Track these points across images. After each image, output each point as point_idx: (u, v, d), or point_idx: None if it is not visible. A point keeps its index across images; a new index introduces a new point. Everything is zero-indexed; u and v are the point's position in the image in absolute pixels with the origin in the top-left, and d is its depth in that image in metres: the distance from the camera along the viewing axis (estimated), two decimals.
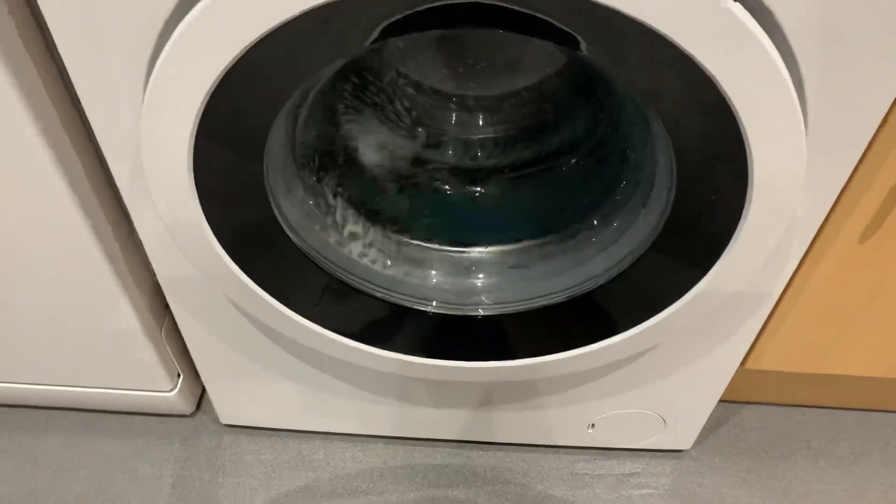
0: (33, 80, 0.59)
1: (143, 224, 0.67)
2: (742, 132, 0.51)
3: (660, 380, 0.83)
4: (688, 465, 0.94)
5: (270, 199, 0.61)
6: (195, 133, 0.54)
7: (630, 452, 0.95)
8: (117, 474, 0.92)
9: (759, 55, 0.46)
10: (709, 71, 0.48)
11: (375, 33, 0.46)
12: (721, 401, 1.00)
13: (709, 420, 0.98)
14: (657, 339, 0.70)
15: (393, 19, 0.45)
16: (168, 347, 0.86)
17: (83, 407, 0.97)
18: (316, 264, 0.67)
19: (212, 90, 0.51)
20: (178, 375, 0.91)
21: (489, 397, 0.86)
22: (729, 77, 0.48)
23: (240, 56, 0.49)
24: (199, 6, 0.47)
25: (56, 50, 0.60)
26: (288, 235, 0.64)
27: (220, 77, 0.50)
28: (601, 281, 0.67)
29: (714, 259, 0.61)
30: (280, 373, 0.85)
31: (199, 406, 0.98)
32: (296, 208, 0.66)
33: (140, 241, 0.72)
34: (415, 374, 0.76)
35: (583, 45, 0.45)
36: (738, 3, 0.44)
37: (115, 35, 0.52)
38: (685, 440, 0.93)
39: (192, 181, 0.58)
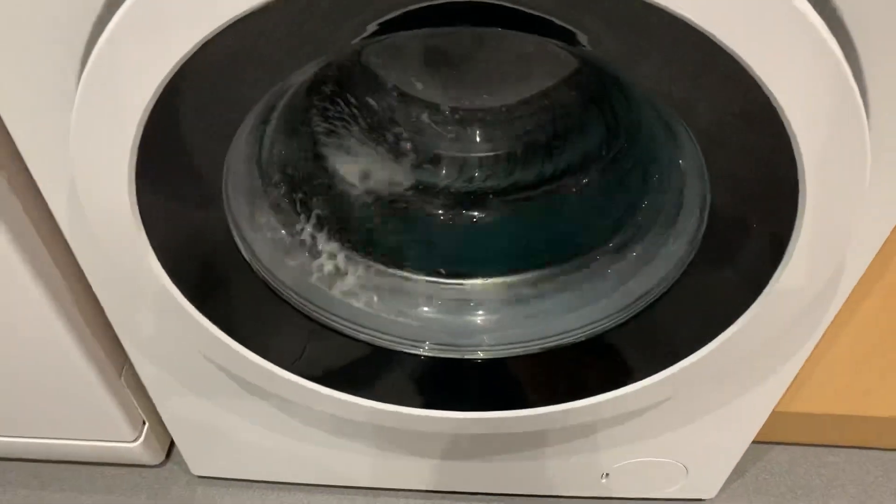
0: None
1: (88, 264, 0.58)
2: (795, 151, 0.42)
3: (683, 426, 0.73)
4: None
5: (234, 231, 0.52)
6: (136, 157, 0.45)
7: (648, 503, 0.86)
8: None
9: (824, 58, 0.38)
10: (756, 73, 0.39)
11: (352, 33, 0.37)
12: None
13: None
14: (682, 386, 0.61)
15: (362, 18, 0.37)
16: (130, 394, 0.77)
17: (42, 459, 0.88)
18: (290, 304, 0.58)
19: (153, 102, 0.42)
20: (143, 423, 0.82)
21: (489, 446, 0.77)
22: (783, 83, 0.39)
23: (188, 57, 0.40)
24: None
25: None
26: (255, 272, 0.55)
27: (164, 85, 0.41)
28: (618, 320, 0.59)
29: (752, 298, 0.52)
30: (254, 421, 0.76)
31: (168, 455, 0.89)
32: (265, 241, 0.57)
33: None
34: (405, 426, 0.67)
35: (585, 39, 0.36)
36: None
37: (38, 44, 0.43)
38: (709, 488, 0.84)
39: (137, 213, 0.49)
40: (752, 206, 0.47)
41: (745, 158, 0.44)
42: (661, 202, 0.56)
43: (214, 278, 0.55)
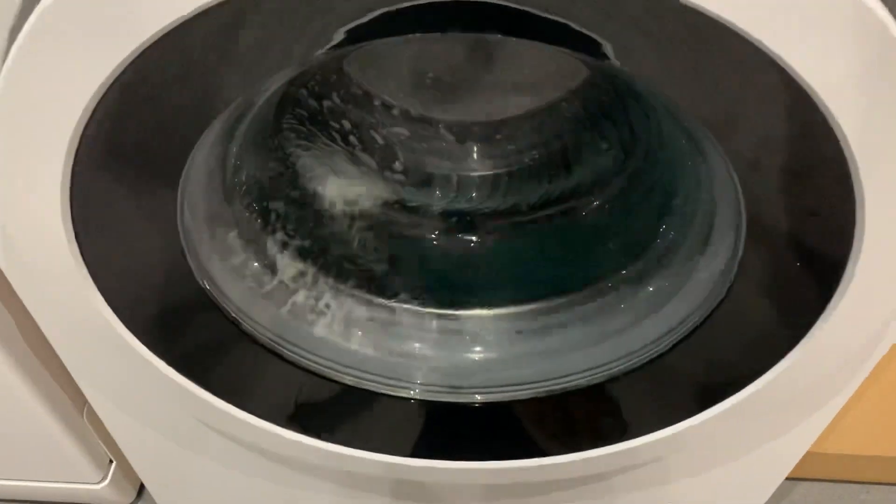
0: None
1: (31, 305, 0.51)
2: (854, 179, 0.35)
3: (706, 471, 0.66)
4: None
5: (191, 263, 0.46)
6: (69, 186, 0.38)
7: None
8: None
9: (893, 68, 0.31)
10: (811, 87, 0.32)
11: (325, 40, 0.30)
12: None
13: None
14: (704, 437, 0.54)
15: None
16: (94, 433, 0.70)
17: (7, 499, 0.81)
18: (259, 342, 0.51)
19: (83, 125, 0.35)
20: (111, 462, 0.75)
21: (489, 497, 0.70)
22: (843, 98, 0.32)
23: (128, 62, 0.33)
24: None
25: None
26: (219, 308, 0.49)
27: (95, 104, 0.35)
28: (635, 363, 0.52)
29: (788, 346, 0.45)
30: (224, 462, 0.69)
31: (140, 494, 0.82)
32: (228, 271, 0.50)
33: None
34: (393, 476, 0.60)
35: (610, 50, 0.29)
36: None
37: None
38: None
39: (77, 251, 0.42)
40: (798, 239, 0.40)
41: (792, 186, 0.37)
42: (685, 229, 0.49)
43: (172, 317, 0.49)
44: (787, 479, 0.83)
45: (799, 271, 0.42)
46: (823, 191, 0.37)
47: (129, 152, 0.38)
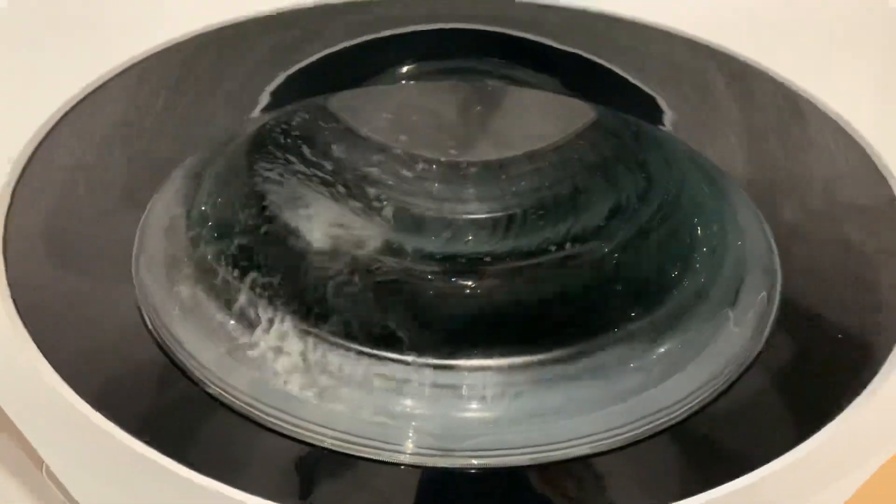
0: None
1: None
2: None
3: None
4: None
5: (146, 314, 0.42)
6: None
7: None
8: None
9: None
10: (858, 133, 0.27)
11: (263, 100, 0.26)
12: None
13: None
14: None
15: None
16: (56, 490, 0.65)
17: None
18: (223, 403, 0.47)
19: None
20: None
21: None
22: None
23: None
24: None
25: None
26: (179, 366, 0.45)
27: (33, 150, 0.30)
28: (649, 429, 0.47)
29: (830, 414, 0.41)
30: None
31: None
32: (189, 322, 0.47)
33: None
34: None
35: (668, 117, 0.25)
36: None
37: None
38: None
39: (13, 311, 0.37)
40: (838, 294, 0.36)
41: (833, 255, 0.32)
42: (707, 286, 0.45)
43: (128, 381, 0.44)
44: None
45: (835, 346, 0.37)
46: (867, 264, 0.32)
47: (75, 196, 0.34)
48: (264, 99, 0.27)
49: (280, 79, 0.29)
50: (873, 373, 0.37)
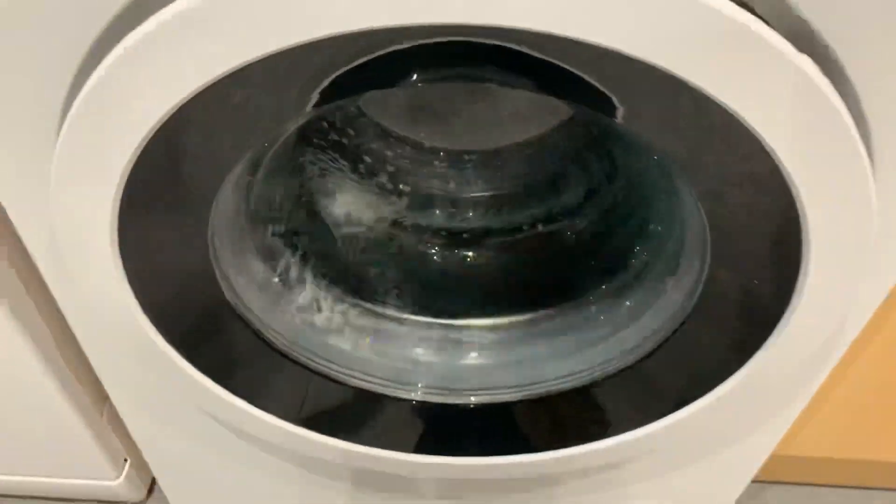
0: None
1: (68, 308, 0.56)
2: (797, 208, 0.41)
3: (676, 469, 0.72)
4: None
5: (219, 277, 0.51)
6: (118, 207, 0.43)
7: None
8: None
9: (830, 120, 0.37)
10: (762, 137, 0.38)
11: (315, 96, 0.36)
12: None
13: None
14: (675, 438, 0.59)
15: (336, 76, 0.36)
16: (111, 432, 0.75)
17: (23, 495, 0.85)
18: (276, 349, 0.56)
19: (133, 160, 0.41)
20: (125, 461, 0.80)
21: (482, 491, 0.75)
22: (787, 144, 0.38)
23: (165, 118, 0.38)
24: (105, 65, 0.36)
25: None
26: (241, 317, 0.54)
27: (145, 141, 0.40)
28: (611, 370, 0.57)
29: (748, 355, 0.51)
30: (238, 460, 0.74)
31: (150, 492, 0.87)
32: (251, 285, 0.55)
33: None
34: (394, 471, 0.65)
35: (620, 112, 0.35)
36: (805, 56, 0.35)
37: (18, 90, 0.41)
38: None
39: (120, 266, 0.47)
40: (754, 263, 0.46)
41: (748, 217, 0.43)
42: (658, 252, 0.55)
43: (200, 326, 0.54)
44: (756, 482, 0.89)
45: (756, 289, 0.47)
46: (775, 224, 0.43)
47: (168, 183, 0.44)
48: (314, 98, 0.37)
49: (326, 81, 0.38)
50: (781, 314, 0.47)
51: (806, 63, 0.35)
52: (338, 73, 0.37)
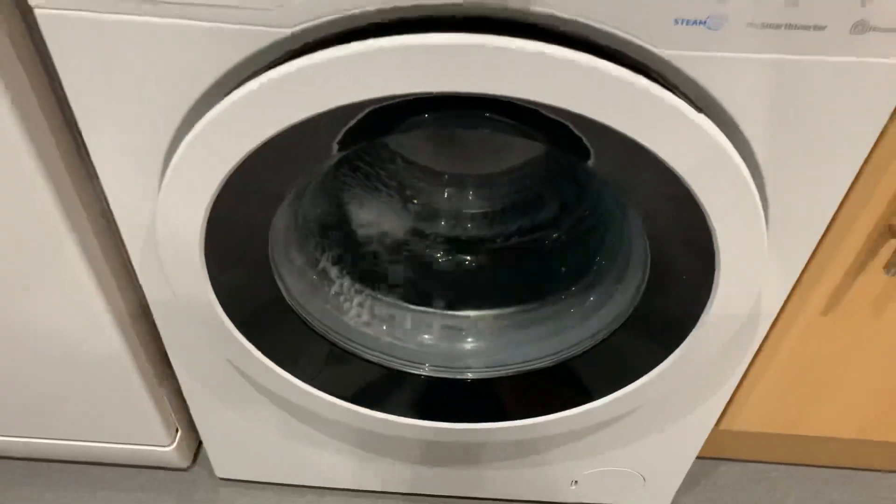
0: (57, 167, 0.63)
1: (153, 297, 0.71)
2: (708, 224, 0.56)
3: (639, 439, 0.86)
4: None
5: (276, 276, 0.65)
6: (206, 220, 0.58)
7: None
8: None
9: (723, 160, 0.52)
10: (678, 173, 0.53)
11: (334, 147, 0.51)
12: (699, 457, 1.04)
13: (687, 477, 1.01)
14: (632, 405, 0.74)
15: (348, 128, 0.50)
16: (168, 403, 0.89)
17: (83, 460, 0.99)
18: (317, 333, 0.71)
19: (221, 185, 0.56)
20: (177, 430, 0.93)
21: (478, 455, 0.89)
22: (696, 178, 0.53)
23: (242, 160, 0.54)
24: (202, 124, 0.52)
25: (77, 128, 0.64)
26: (291, 307, 0.68)
27: (228, 175, 0.55)
28: (579, 350, 0.72)
29: (683, 337, 0.66)
30: (276, 430, 0.88)
31: (195, 460, 1.01)
32: (298, 281, 0.70)
33: (147, 306, 0.76)
34: (406, 435, 0.79)
35: (592, 159, 0.51)
36: (703, 115, 0.50)
37: (137, 125, 0.56)
38: (663, 498, 0.97)
39: (204, 263, 0.62)
40: (681, 264, 0.61)
41: (674, 229, 0.58)
42: (613, 259, 0.70)
43: (257, 310, 0.68)
44: (709, 458, 1.03)
45: (684, 286, 0.62)
46: (693, 240, 0.58)
47: (243, 204, 0.58)
48: (335, 147, 0.51)
49: (353, 121, 0.52)
50: (706, 301, 0.62)
51: (703, 120, 0.50)
52: (346, 127, 0.52)
